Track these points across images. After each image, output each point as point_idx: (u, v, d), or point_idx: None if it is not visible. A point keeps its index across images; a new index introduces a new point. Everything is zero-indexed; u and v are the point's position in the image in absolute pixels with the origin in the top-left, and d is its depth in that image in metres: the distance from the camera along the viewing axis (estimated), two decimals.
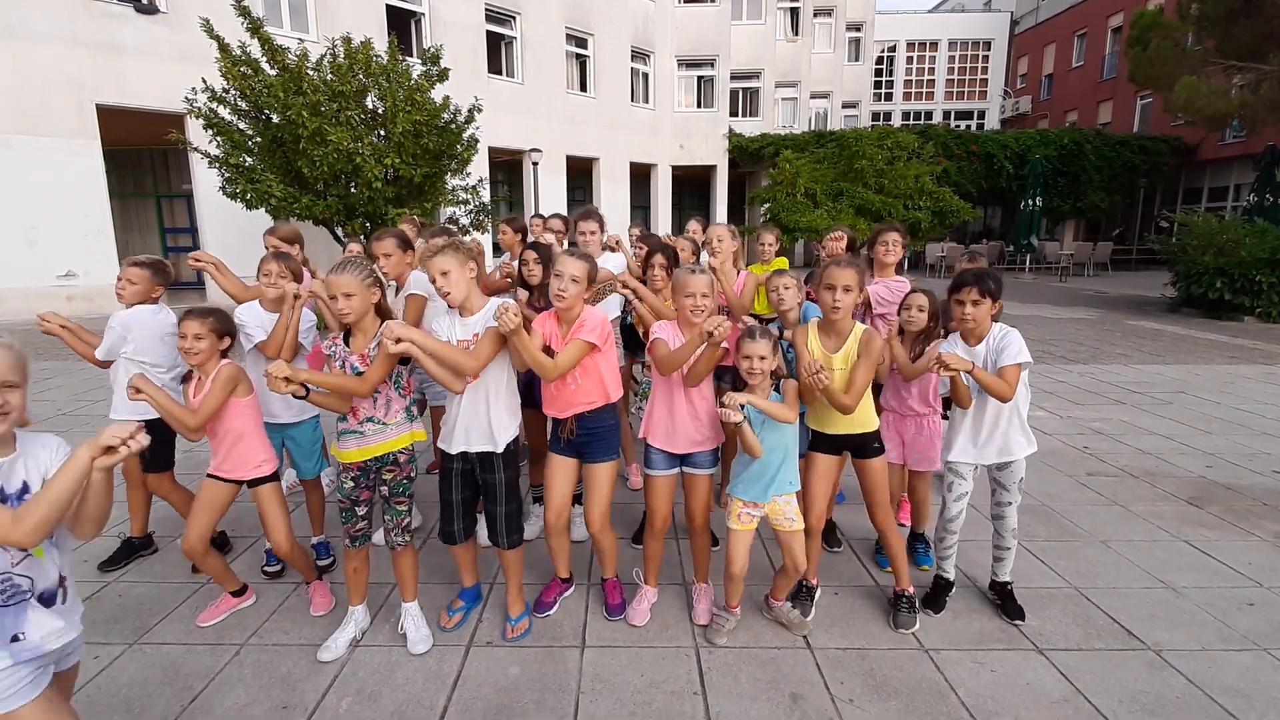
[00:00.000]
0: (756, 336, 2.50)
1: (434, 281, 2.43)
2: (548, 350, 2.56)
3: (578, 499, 3.54)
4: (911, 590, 2.82)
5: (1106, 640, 2.67)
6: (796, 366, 2.61)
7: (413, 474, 2.62)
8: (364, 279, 2.41)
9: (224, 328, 2.70)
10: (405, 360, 2.47)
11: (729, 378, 3.54)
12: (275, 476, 2.81)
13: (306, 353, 3.16)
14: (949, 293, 2.75)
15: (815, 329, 2.74)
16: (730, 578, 2.66)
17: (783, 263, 4.24)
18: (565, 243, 4.70)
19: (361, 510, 2.56)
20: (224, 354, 2.72)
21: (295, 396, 2.31)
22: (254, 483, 2.75)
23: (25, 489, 1.51)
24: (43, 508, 1.41)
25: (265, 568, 3.17)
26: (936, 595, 2.89)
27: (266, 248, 3.61)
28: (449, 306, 2.55)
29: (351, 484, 2.52)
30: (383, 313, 2.52)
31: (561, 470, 2.72)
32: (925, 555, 3.30)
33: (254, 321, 3.05)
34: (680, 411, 2.66)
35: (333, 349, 2.50)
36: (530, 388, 3.15)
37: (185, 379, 2.75)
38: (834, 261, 2.66)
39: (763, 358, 2.49)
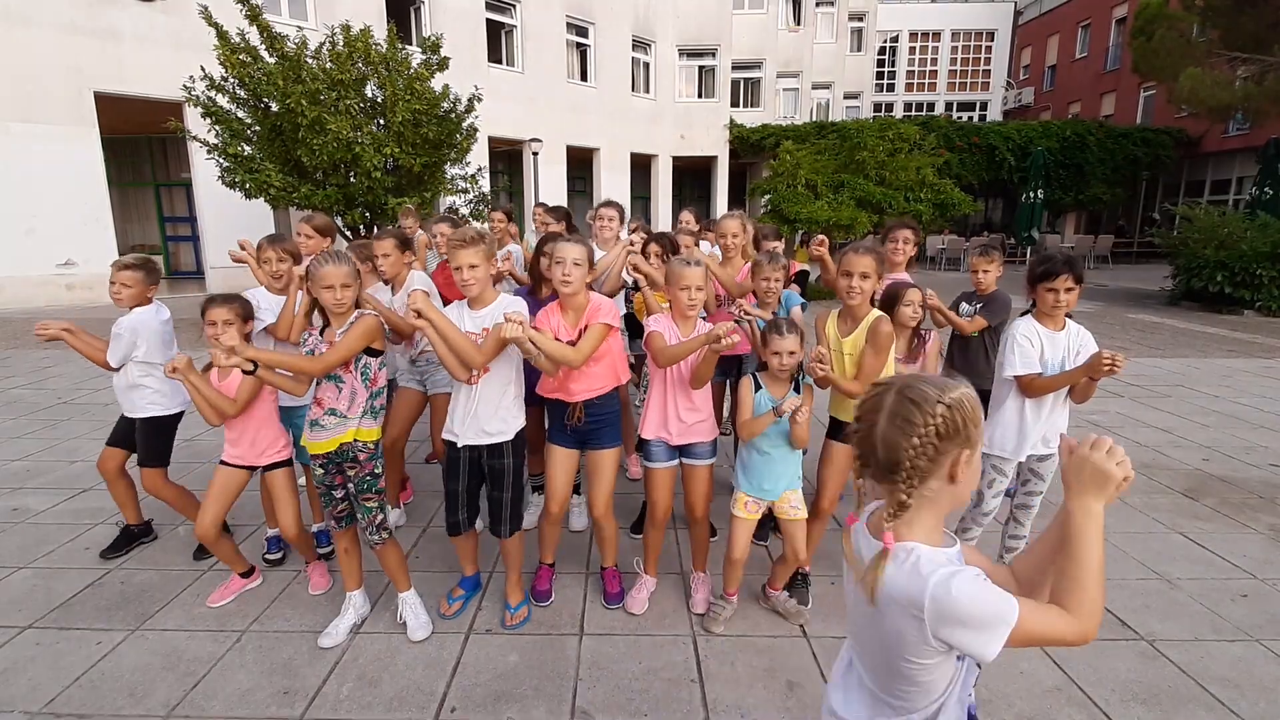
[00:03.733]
0: (785, 331, 2.49)
1: (459, 271, 2.43)
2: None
3: (576, 489, 3.57)
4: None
5: (1100, 630, 2.68)
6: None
7: (377, 470, 2.55)
8: (353, 271, 2.47)
9: (247, 311, 2.82)
10: (376, 353, 2.51)
11: (736, 371, 3.56)
12: (289, 462, 2.89)
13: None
14: (1033, 281, 2.66)
15: (836, 313, 2.76)
16: (731, 562, 2.68)
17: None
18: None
19: (339, 494, 2.58)
20: (246, 338, 2.76)
21: (244, 372, 2.39)
22: (268, 468, 2.83)
23: None
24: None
25: (266, 555, 3.19)
26: None
27: (297, 233, 3.65)
28: (465, 298, 2.56)
29: (322, 471, 2.55)
30: (358, 305, 2.54)
31: (565, 461, 2.76)
32: None
33: (264, 304, 3.09)
34: (678, 404, 2.68)
35: (307, 337, 2.53)
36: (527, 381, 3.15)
37: (206, 369, 2.75)
38: (852, 248, 2.65)
39: (791, 353, 2.50)
